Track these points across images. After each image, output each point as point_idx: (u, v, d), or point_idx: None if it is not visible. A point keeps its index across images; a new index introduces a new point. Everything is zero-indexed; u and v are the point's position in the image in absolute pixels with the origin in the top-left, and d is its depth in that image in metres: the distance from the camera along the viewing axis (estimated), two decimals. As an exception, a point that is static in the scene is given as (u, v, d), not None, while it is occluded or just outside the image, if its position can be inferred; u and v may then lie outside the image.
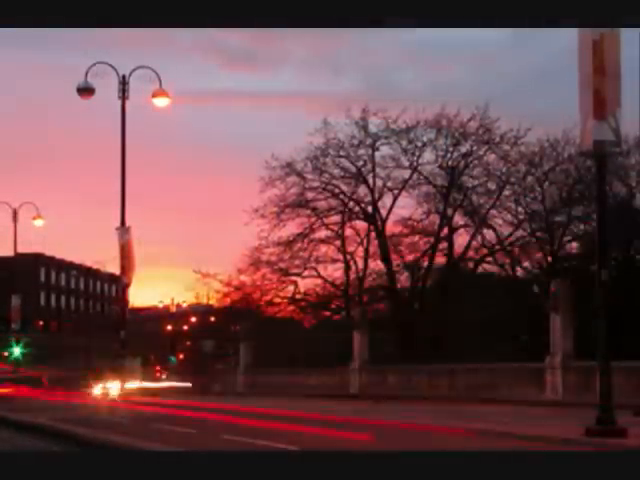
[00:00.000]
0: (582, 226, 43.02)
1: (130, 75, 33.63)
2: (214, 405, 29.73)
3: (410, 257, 47.37)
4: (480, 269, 46.72)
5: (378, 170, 47.17)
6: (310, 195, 48.00)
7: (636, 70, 17.70)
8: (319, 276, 48.98)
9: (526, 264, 46.13)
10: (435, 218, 47.05)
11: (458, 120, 45.54)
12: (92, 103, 34.44)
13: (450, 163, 46.30)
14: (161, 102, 33.70)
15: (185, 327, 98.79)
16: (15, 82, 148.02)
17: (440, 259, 46.82)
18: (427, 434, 17.53)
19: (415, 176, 47.00)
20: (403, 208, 47.27)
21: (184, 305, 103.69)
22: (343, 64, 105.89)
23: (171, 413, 26.47)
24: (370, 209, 47.59)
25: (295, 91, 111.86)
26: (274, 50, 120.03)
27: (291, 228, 48.01)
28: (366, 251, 48.12)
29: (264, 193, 47.10)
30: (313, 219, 48.14)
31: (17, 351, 58.31)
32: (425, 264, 46.75)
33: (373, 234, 47.65)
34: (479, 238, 46.41)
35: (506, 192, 45.69)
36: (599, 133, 15.18)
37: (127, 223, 33.92)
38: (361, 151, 47.07)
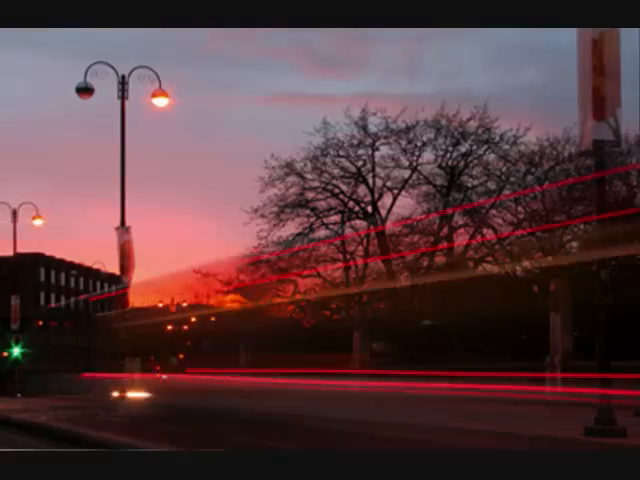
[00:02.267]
0: (582, 226, 42.98)
1: (129, 75, 33.62)
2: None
3: (410, 257, 47.38)
4: (480, 269, 46.68)
5: (378, 170, 47.30)
6: (310, 195, 48.06)
7: (636, 70, 17.69)
8: (319, 276, 48.97)
9: (526, 264, 46.09)
10: (435, 218, 47.08)
11: (458, 119, 45.66)
12: (92, 103, 34.41)
13: (450, 163, 46.38)
14: (161, 102, 33.68)
15: (185, 327, 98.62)
16: (15, 82, 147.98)
17: (440, 259, 46.80)
18: (428, 434, 17.49)
19: (415, 176, 47.10)
20: (403, 208, 47.40)
21: (184, 305, 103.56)
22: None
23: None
24: (370, 209, 47.64)
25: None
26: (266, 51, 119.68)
27: (291, 228, 48.09)
28: (366, 251, 48.13)
29: (264, 193, 47.17)
30: (313, 219, 48.17)
31: (17, 351, 58.37)
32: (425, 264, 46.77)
33: (373, 234, 47.68)
34: (479, 238, 46.44)
35: (506, 192, 45.74)
36: (599, 133, 15.16)
37: (127, 223, 33.89)
38: (361, 151, 47.17)
